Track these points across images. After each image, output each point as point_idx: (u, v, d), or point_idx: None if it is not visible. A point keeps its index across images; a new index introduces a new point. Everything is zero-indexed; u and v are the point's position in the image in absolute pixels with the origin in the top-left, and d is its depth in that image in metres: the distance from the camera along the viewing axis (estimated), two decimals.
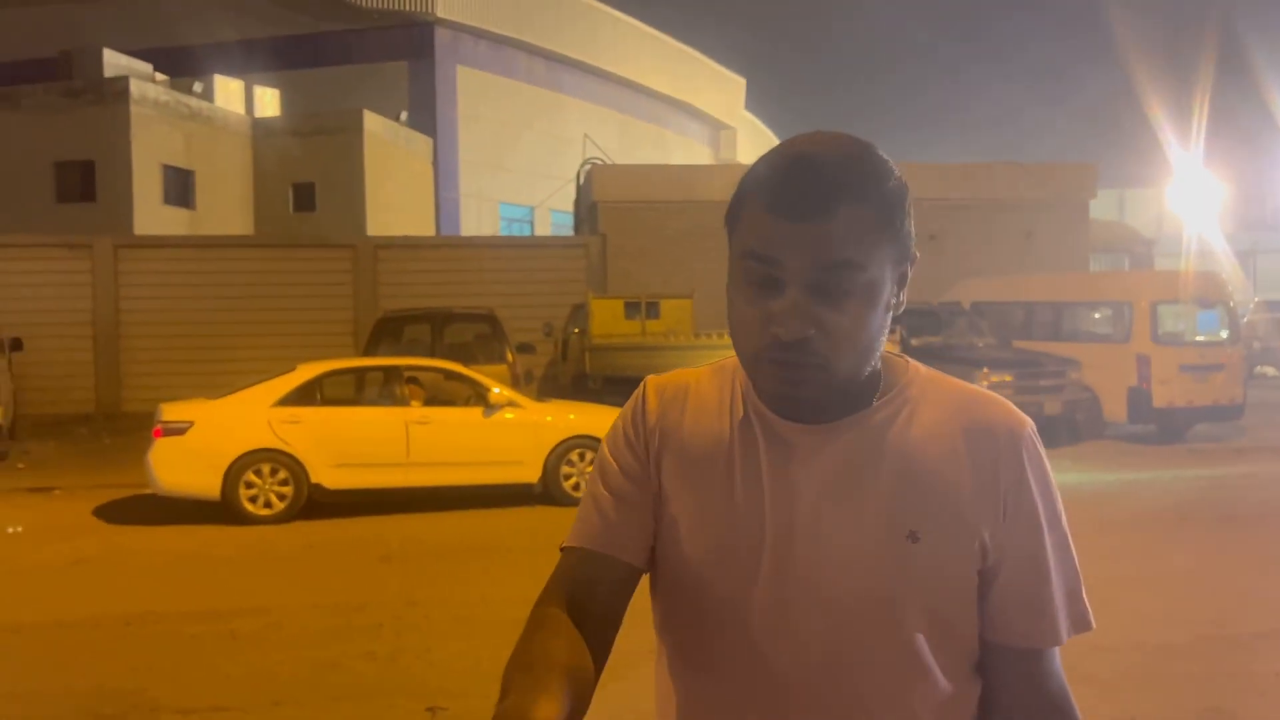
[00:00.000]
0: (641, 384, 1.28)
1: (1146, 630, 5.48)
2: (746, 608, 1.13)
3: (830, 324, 1.05)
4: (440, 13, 32.05)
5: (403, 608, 6.16)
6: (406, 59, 32.11)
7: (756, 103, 54.05)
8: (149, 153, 23.44)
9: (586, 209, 21.07)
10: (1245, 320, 18.19)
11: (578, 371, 14.89)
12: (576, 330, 15.55)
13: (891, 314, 1.12)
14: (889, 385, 1.16)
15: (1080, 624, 1.15)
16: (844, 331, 1.06)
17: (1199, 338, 13.25)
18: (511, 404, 9.20)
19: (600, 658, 1.14)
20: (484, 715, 3.98)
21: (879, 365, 1.15)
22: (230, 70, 28.47)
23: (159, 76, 25.89)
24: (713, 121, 47.40)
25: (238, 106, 28.03)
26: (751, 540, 1.13)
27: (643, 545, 1.20)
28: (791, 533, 1.12)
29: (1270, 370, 21.14)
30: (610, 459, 1.23)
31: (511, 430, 9.11)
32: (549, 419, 9.27)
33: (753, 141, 51.28)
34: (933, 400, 1.15)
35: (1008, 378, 12.12)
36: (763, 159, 1.12)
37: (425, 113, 31.57)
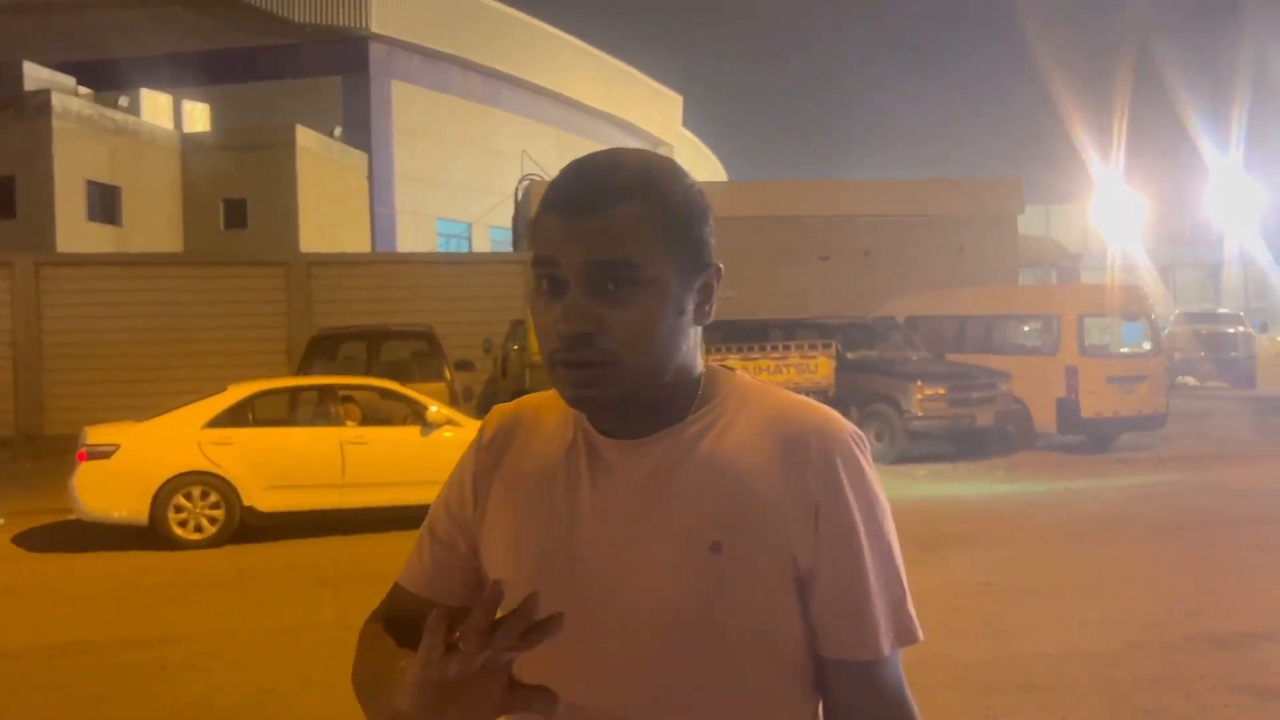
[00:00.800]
0: (488, 415, 1.28)
1: (1082, 637, 5.60)
2: (562, 633, 1.06)
3: (612, 321, 1.05)
4: (375, 28, 31.81)
5: (340, 632, 6.03)
6: (340, 74, 31.80)
7: (694, 120, 54.48)
8: (72, 168, 22.82)
9: (525, 225, 21.02)
10: (1166, 332, 18.75)
11: (517, 389, 14.79)
12: (516, 347, 15.45)
13: (694, 323, 1.12)
14: (707, 398, 1.14)
15: (905, 636, 1.11)
16: (628, 328, 1.05)
17: (1124, 350, 13.65)
18: (450, 422, 9.10)
19: None
20: None
21: (697, 377, 1.14)
22: (158, 84, 27.89)
23: (82, 90, 25.24)
24: (650, 138, 47.65)
25: (166, 121, 27.46)
26: (563, 562, 1.11)
27: (464, 586, 1.20)
28: (598, 552, 1.10)
29: (1191, 380, 21.80)
30: (443, 496, 1.25)
31: (450, 449, 8.98)
32: None
33: (690, 158, 51.66)
34: (751, 411, 1.13)
35: (941, 390, 12.33)
36: (556, 176, 1.13)
37: (360, 128, 31.25)
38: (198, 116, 29.13)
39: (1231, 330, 22.65)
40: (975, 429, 12.58)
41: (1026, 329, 14.12)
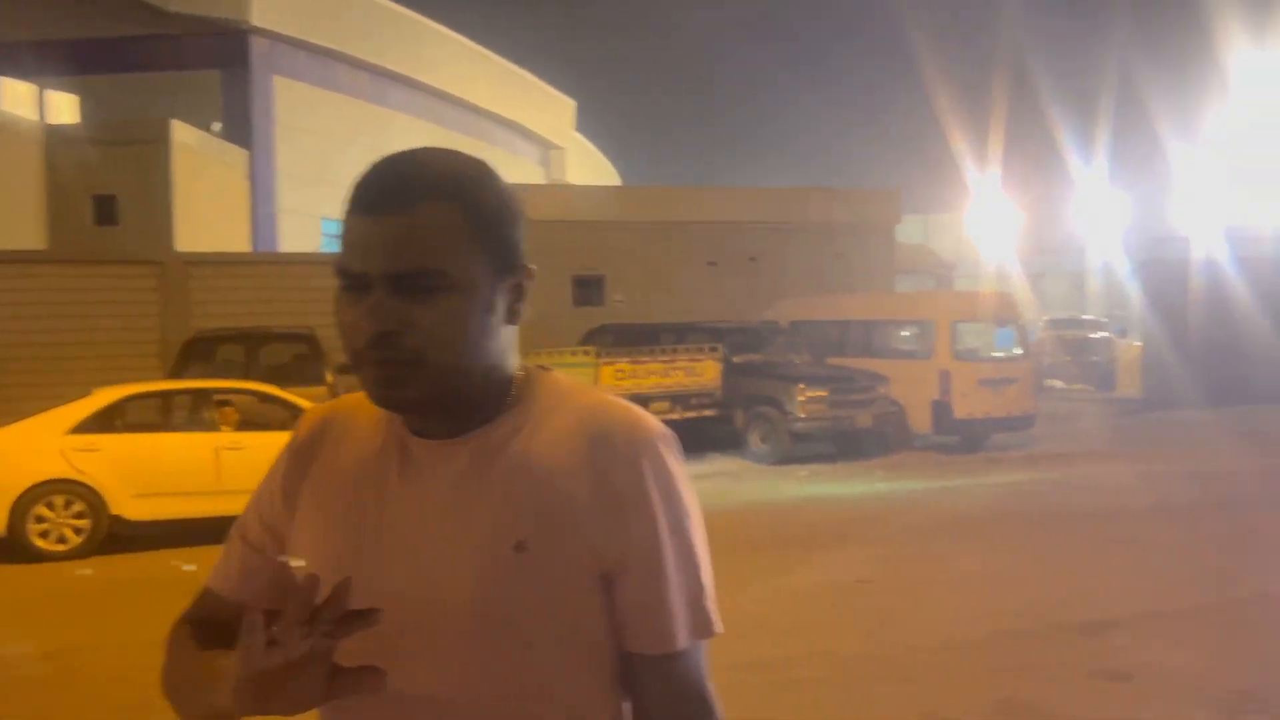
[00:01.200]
0: (302, 415, 1.28)
1: (952, 628, 5.84)
2: (370, 636, 1.04)
3: (418, 319, 1.05)
4: (256, 21, 30.82)
5: None
6: (219, 68, 30.68)
7: (587, 125, 54.51)
8: None
9: None
10: (1035, 338, 19.64)
11: None
12: None
13: (505, 323, 1.13)
14: (519, 399, 1.15)
15: (702, 629, 1.14)
16: (433, 327, 1.06)
17: (995, 354, 14.25)
18: None
19: None
20: None
21: (509, 378, 1.16)
22: (20, 73, 26.45)
23: None
24: (543, 141, 47.51)
25: (28, 112, 26.06)
26: (370, 560, 1.11)
27: (272, 589, 1.18)
28: (404, 550, 1.11)
29: (1057, 383, 22.86)
30: (255, 500, 1.24)
31: None
32: None
33: (583, 163, 51.70)
34: (564, 412, 1.14)
35: (823, 393, 12.66)
36: (357, 178, 1.13)
37: (240, 124, 30.22)
38: (64, 108, 27.73)
39: (1094, 336, 23.88)
40: (855, 430, 12.96)
41: (903, 334, 14.62)
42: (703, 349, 13.25)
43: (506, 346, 1.15)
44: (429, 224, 1.05)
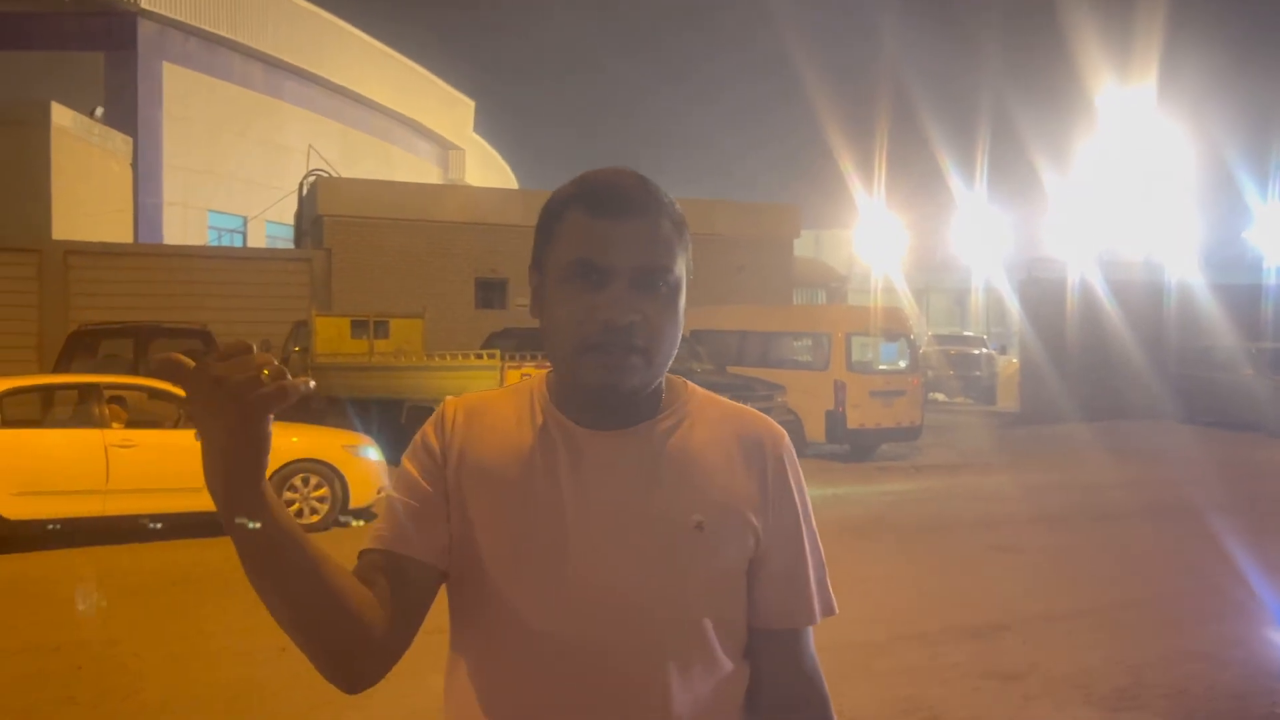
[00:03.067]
0: (442, 403, 1.35)
1: (851, 630, 6.01)
2: (548, 605, 1.21)
3: (650, 313, 1.20)
4: (145, 3, 29.63)
5: (105, 647, 5.64)
6: (104, 50, 29.36)
7: (485, 126, 54.10)
8: None
9: (310, 222, 20.23)
10: (920, 353, 20.36)
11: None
12: (298, 349, 14.86)
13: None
14: (670, 400, 1.30)
15: (827, 608, 1.34)
16: (661, 322, 1.21)
17: (885, 367, 14.73)
18: None
19: (396, 643, 1.20)
20: None
21: (663, 383, 1.29)
22: None
23: None
24: (441, 141, 46.90)
25: None
26: (550, 540, 1.21)
27: (440, 548, 1.25)
28: (588, 531, 1.21)
29: (941, 396, 23.71)
30: (410, 469, 1.29)
31: None
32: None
33: (482, 163, 51.21)
34: (709, 413, 1.31)
35: None
36: (575, 182, 1.26)
37: (125, 110, 28.94)
38: None
39: (976, 352, 24.86)
40: None
41: (800, 345, 14.99)
42: None
43: None
44: (663, 231, 1.22)
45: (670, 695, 1.20)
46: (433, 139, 46.21)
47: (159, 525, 8.49)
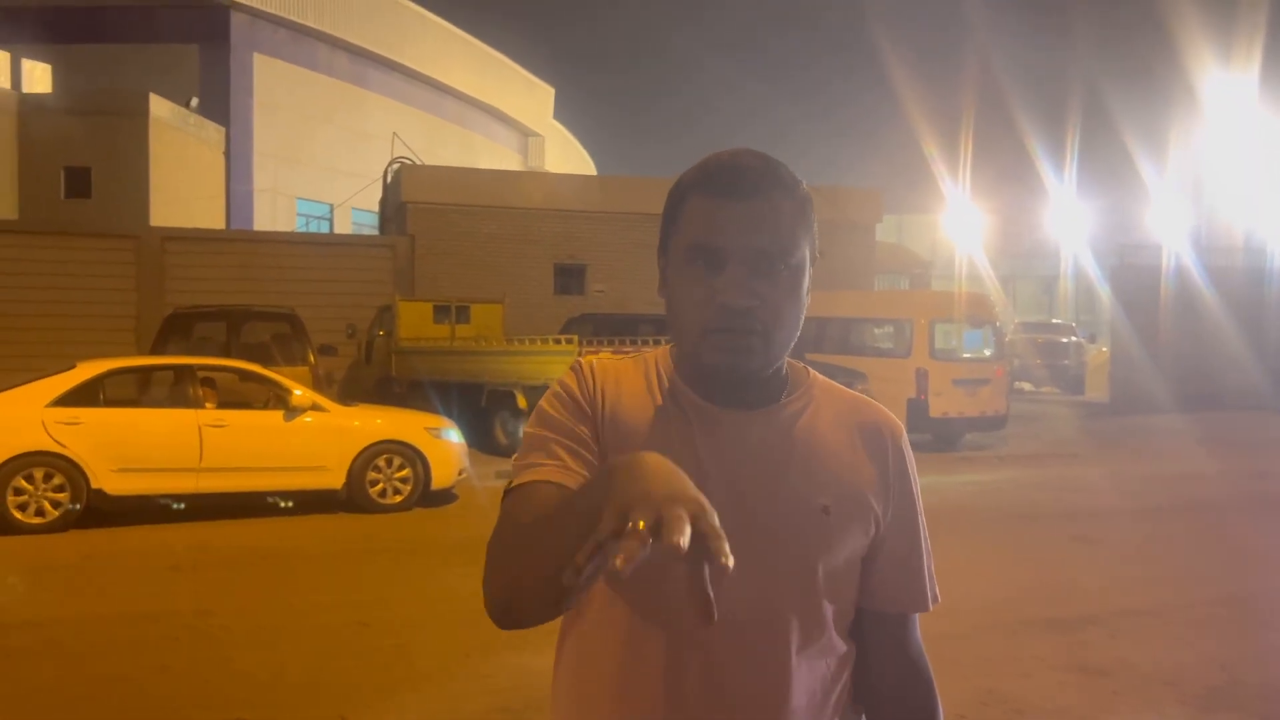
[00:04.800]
0: (577, 360, 1.35)
1: (928, 621, 5.92)
2: (676, 576, 1.17)
3: (769, 296, 1.19)
4: None
5: (197, 618, 5.84)
6: (198, 42, 30.30)
7: (565, 112, 54.39)
8: None
9: (394, 209, 20.59)
10: (1006, 340, 19.90)
11: (383, 375, 14.53)
12: (382, 332, 15.17)
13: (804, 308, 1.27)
14: (794, 385, 1.31)
15: (935, 598, 1.35)
16: (780, 305, 1.20)
17: (969, 354, 14.42)
18: (315, 407, 8.88)
19: None
20: None
21: (785, 367, 1.30)
22: None
23: None
24: (521, 128, 47.30)
25: (2, 80, 25.60)
26: None
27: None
28: (725, 502, 1.17)
29: (1027, 386, 23.17)
30: (558, 412, 1.26)
31: (315, 434, 8.79)
32: (355, 423, 9.02)
33: (561, 150, 51.53)
34: (831, 401, 1.32)
35: None
36: (697, 165, 1.25)
37: (218, 101, 29.86)
38: (38, 76, 27.26)
39: (1064, 340, 24.19)
40: None
41: (881, 332, 14.75)
42: None
43: None
44: (782, 213, 1.20)
45: (790, 674, 1.22)
46: (513, 125, 46.62)
47: (290, 504, 8.79)
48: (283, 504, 8.79)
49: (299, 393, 8.88)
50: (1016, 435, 15.07)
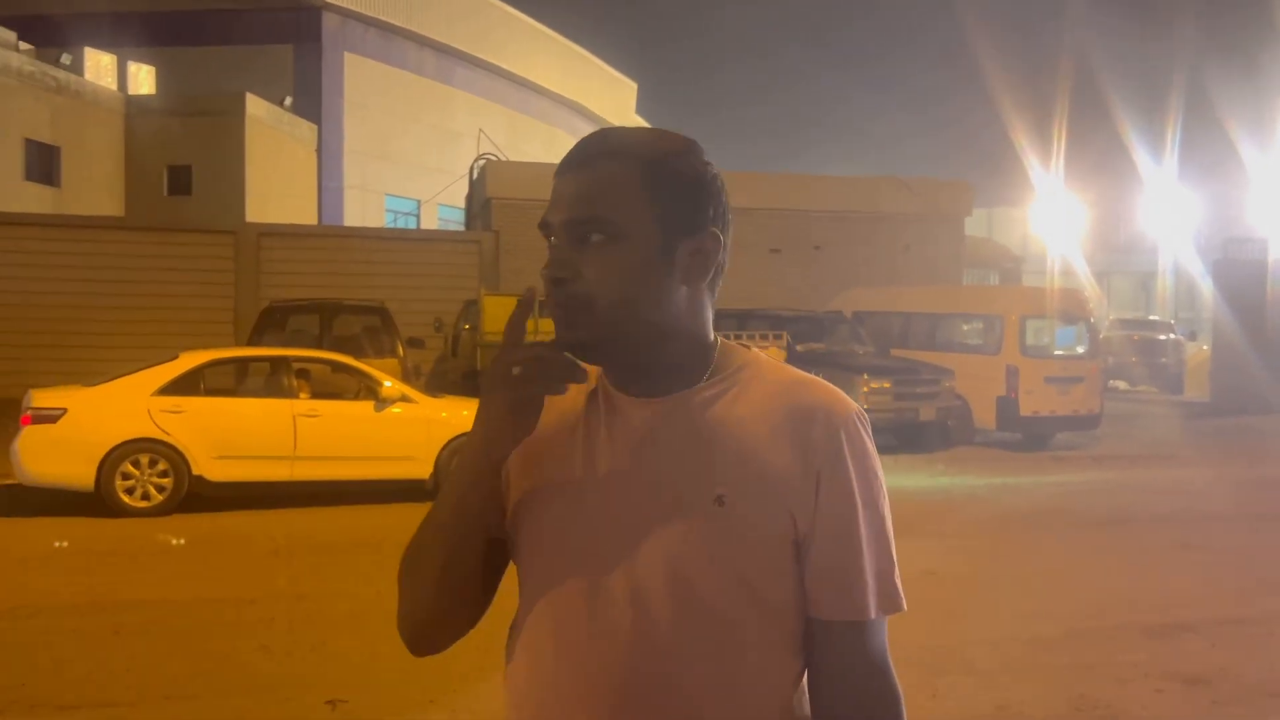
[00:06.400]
0: None
1: (1020, 624, 5.82)
2: (572, 583, 1.17)
3: (586, 268, 1.15)
4: None
5: (294, 602, 6.04)
6: (292, 43, 31.17)
7: (647, 108, 54.45)
8: (10, 125, 22.11)
9: (479, 205, 20.89)
10: (1101, 337, 19.33)
11: (469, 368, 14.74)
12: (468, 326, 15.40)
13: (683, 283, 1.18)
14: (721, 368, 1.21)
15: (890, 604, 1.18)
16: (599, 276, 1.15)
17: (1062, 352, 14.05)
18: (404, 398, 9.08)
19: (474, 614, 1.28)
20: (385, 708, 4.07)
21: (709, 346, 1.22)
22: (102, 43, 27.11)
23: (24, 46, 24.44)
24: (603, 123, 47.53)
25: (109, 82, 26.70)
26: (578, 503, 1.19)
27: (496, 518, 1.24)
28: (609, 495, 1.17)
29: (1123, 384, 22.46)
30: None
31: (404, 425, 8.99)
32: (443, 415, 9.19)
33: None
34: (763, 383, 1.20)
35: (886, 384, 12.60)
36: None
37: (310, 99, 30.70)
38: (142, 79, 28.37)
39: (1162, 337, 23.40)
40: (918, 423, 12.88)
41: (969, 328, 14.46)
42: (767, 336, 13.25)
43: (696, 310, 1.21)
44: (603, 178, 1.16)
45: (693, 683, 1.14)
46: (595, 121, 46.85)
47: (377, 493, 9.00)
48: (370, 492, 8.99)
49: (389, 384, 9.09)
50: (1111, 435, 14.63)
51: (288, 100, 29.51)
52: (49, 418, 8.16)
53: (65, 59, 24.87)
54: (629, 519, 1.16)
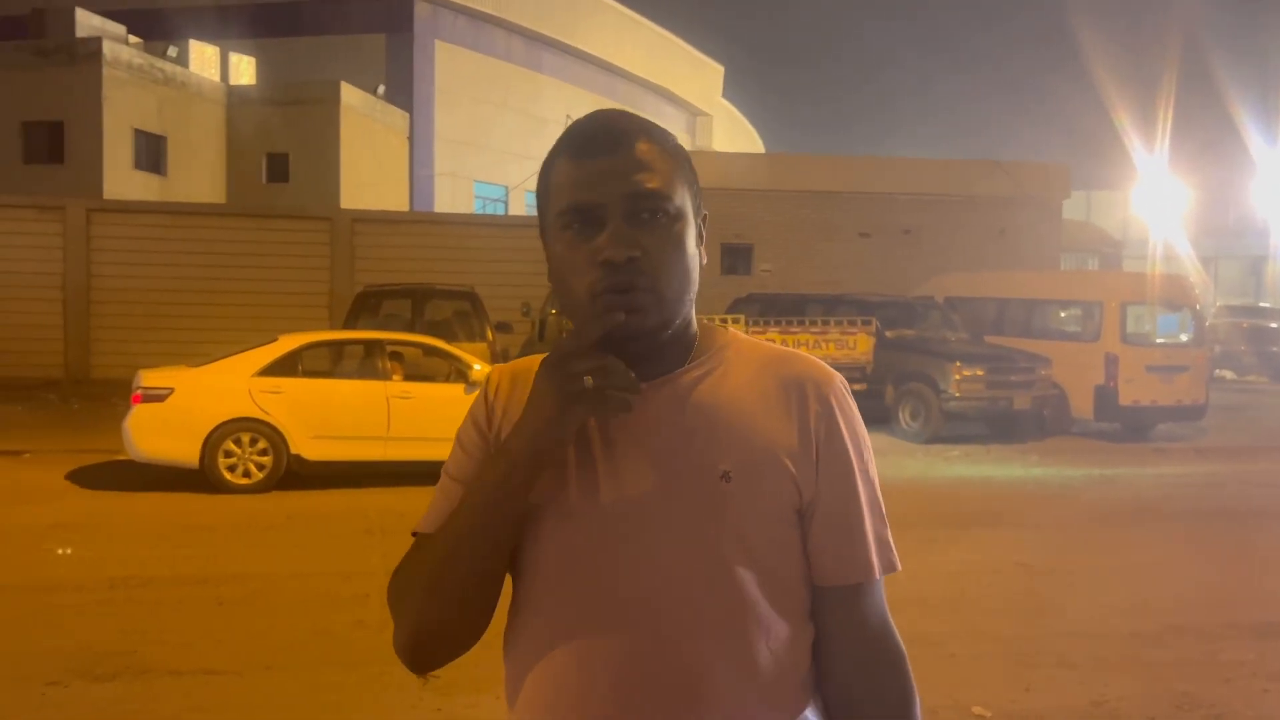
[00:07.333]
0: (489, 372, 1.33)
1: (1118, 619, 5.65)
2: (593, 566, 1.15)
3: (651, 246, 1.13)
4: None
5: (387, 578, 6.17)
6: (385, 32, 31.77)
7: (734, 91, 54.06)
8: (120, 116, 23.02)
9: None
10: (1207, 324, 18.58)
11: None
12: (554, 311, 15.53)
13: (699, 264, 1.20)
14: (703, 349, 1.23)
15: (888, 566, 1.21)
16: (664, 253, 1.14)
17: (1165, 339, 13.53)
18: None
19: (477, 631, 1.22)
20: (477, 684, 4.16)
21: (694, 329, 1.23)
22: (205, 35, 28.01)
23: (132, 39, 25.41)
24: (690, 108, 47.36)
25: (212, 73, 27.60)
26: (578, 505, 1.17)
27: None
28: (614, 491, 1.16)
29: (1229, 374, 21.58)
30: (459, 448, 1.28)
31: None
32: None
33: (729, 129, 51.32)
34: (746, 360, 1.22)
35: (980, 372, 12.31)
36: (562, 134, 1.22)
37: (402, 87, 31.26)
38: (243, 69, 29.24)
39: (1273, 325, 22.39)
40: (1011, 412, 12.57)
41: (1066, 314, 14.03)
42: (855, 322, 13.07)
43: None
44: (648, 158, 1.16)
45: (706, 653, 1.14)
46: (681, 105, 46.72)
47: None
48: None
49: (478, 367, 9.24)
50: (1218, 426, 14.06)
51: (380, 88, 30.09)
52: (157, 397, 8.50)
53: (171, 51, 25.76)
54: (638, 503, 1.15)
